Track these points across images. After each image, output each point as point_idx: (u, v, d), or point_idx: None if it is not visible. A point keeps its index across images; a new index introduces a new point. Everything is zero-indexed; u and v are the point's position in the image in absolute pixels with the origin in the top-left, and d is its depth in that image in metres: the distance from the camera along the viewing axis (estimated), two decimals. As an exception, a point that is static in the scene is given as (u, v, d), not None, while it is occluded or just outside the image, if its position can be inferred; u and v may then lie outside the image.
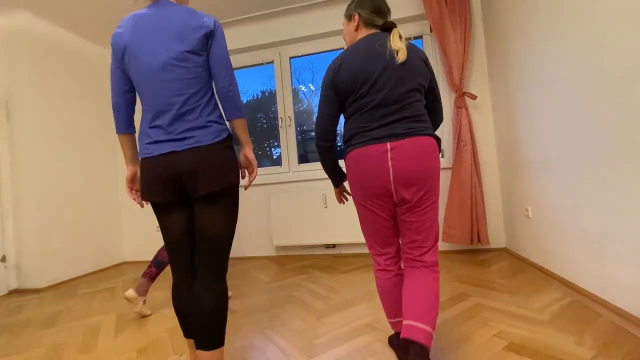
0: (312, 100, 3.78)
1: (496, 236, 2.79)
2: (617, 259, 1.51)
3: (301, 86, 3.59)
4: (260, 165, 3.45)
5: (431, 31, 2.87)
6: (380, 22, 1.23)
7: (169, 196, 1.12)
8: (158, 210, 1.18)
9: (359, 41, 1.19)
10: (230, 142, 1.16)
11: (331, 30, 3.10)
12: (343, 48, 3.10)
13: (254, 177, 1.25)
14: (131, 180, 1.24)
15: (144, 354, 1.53)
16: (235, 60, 3.42)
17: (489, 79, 2.78)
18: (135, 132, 1.22)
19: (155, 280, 2.21)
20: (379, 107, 1.13)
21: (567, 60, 1.73)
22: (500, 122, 2.66)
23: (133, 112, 1.20)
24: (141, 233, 3.61)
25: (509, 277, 2.12)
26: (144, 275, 1.93)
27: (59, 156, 3.02)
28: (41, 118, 2.89)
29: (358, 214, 1.27)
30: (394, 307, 1.24)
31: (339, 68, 1.17)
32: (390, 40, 1.13)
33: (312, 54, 3.31)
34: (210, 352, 1.07)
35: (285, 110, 3.33)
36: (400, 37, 1.14)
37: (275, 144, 3.64)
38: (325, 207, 3.02)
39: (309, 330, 1.62)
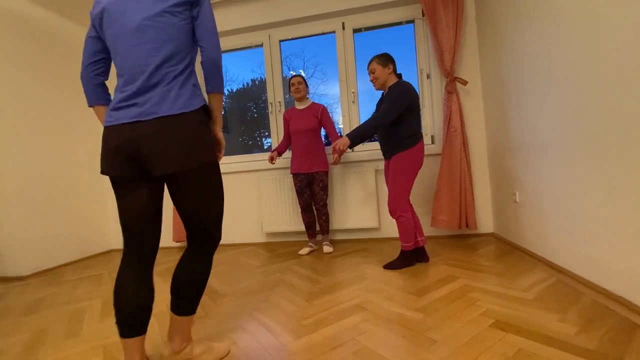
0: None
1: (484, 221, 2.82)
2: (602, 241, 1.53)
3: (291, 72, 3.52)
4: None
5: (423, 15, 2.83)
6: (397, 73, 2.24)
7: (130, 171, 1.02)
8: (117, 186, 1.06)
9: (406, 81, 2.12)
10: (204, 115, 1.09)
11: (321, 12, 3.01)
12: (334, 32, 3.07)
13: (220, 159, 1.19)
14: None
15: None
16: (224, 43, 3.33)
17: (480, 64, 2.77)
18: (109, 102, 1.16)
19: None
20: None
21: (558, 45, 1.73)
22: (490, 108, 2.66)
23: (101, 82, 1.14)
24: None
25: (496, 260, 2.15)
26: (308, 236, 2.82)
27: (38, 139, 2.91)
28: (18, 100, 2.77)
29: (410, 180, 2.09)
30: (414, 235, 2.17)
31: (413, 94, 2.07)
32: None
33: (303, 37, 3.23)
34: (185, 317, 1.17)
35: (275, 95, 3.26)
36: None
37: (266, 133, 3.58)
38: (316, 193, 3.00)
39: (298, 312, 1.62)
